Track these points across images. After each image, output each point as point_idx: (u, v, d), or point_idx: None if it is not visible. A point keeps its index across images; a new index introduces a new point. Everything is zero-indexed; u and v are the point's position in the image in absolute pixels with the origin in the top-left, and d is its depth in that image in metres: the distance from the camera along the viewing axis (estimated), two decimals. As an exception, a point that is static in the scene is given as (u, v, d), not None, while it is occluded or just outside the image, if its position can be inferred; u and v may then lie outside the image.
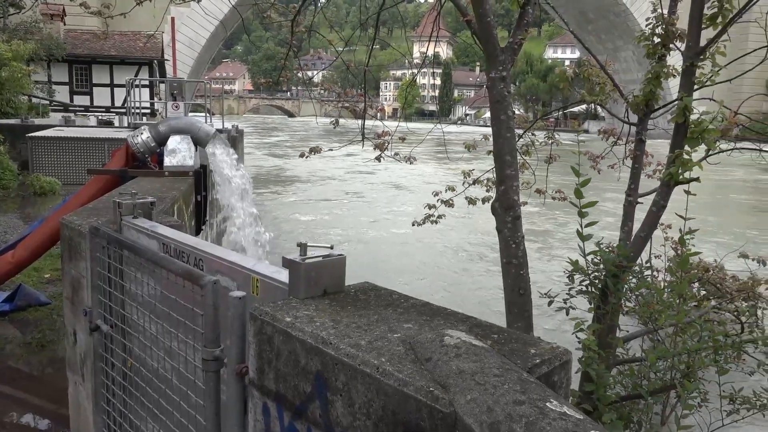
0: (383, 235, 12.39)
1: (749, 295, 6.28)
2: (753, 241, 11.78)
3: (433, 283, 8.85)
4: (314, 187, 20.57)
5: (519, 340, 1.74)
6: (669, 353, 3.57)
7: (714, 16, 3.33)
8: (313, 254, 2.04)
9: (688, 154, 3.44)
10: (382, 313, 1.88)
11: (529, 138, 5.45)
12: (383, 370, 1.49)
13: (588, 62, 4.91)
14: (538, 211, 13.28)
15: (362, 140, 5.47)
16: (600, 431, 1.15)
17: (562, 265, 4.11)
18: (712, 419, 3.87)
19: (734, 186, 21.48)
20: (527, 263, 3.78)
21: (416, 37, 21.28)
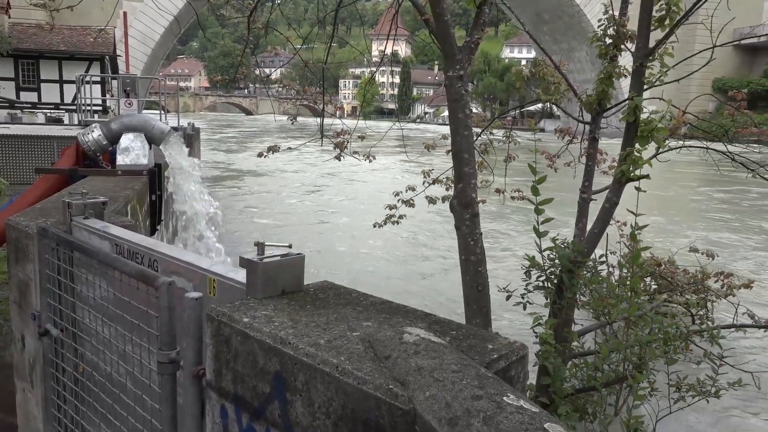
0: (343, 233, 12.36)
1: (699, 288, 6.51)
2: (705, 238, 12.22)
3: (393, 281, 8.88)
4: (273, 186, 20.37)
5: (477, 336, 1.77)
6: (621, 346, 3.67)
7: (662, 18, 3.45)
8: (271, 253, 2.02)
9: (639, 152, 3.55)
10: (341, 311, 1.87)
11: (487, 137, 5.52)
12: (342, 368, 1.49)
13: (543, 62, 5.00)
14: (497, 208, 13.48)
15: (321, 138, 5.45)
16: (554, 424, 1.17)
17: (520, 262, 4.18)
18: (660, 407, 4.01)
19: (689, 183, 22.24)
20: (485, 260, 3.83)
21: (375, 36, 21.36)
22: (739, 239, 12.95)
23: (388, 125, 6.44)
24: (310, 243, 11.15)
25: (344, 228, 12.88)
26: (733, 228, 14.36)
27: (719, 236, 13.07)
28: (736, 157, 4.07)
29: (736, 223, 15.13)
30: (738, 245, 12.28)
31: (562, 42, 65.03)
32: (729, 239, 12.85)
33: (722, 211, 16.92)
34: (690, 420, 4.64)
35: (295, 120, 5.41)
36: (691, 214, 16.59)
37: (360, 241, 11.35)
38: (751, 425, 4.77)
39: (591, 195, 4.02)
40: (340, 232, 12.45)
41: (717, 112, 41.36)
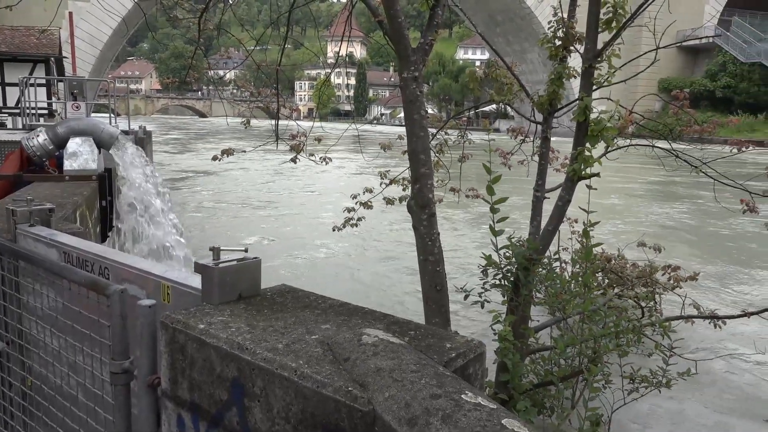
0: (301, 236, 12.28)
1: (647, 281, 6.72)
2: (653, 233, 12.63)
3: (352, 282, 8.88)
4: (228, 189, 20.08)
5: (435, 335, 1.78)
6: (576, 340, 3.76)
7: (609, 21, 3.55)
8: (227, 258, 1.99)
9: (589, 151, 3.64)
10: (299, 315, 1.86)
11: (442, 137, 5.58)
12: (301, 372, 1.48)
13: (496, 63, 5.08)
14: (454, 208, 13.62)
15: (276, 141, 5.40)
16: (511, 419, 1.19)
17: (478, 261, 4.24)
18: (615, 399, 4.13)
19: (638, 180, 22.95)
20: (443, 259, 3.87)
21: (330, 37, 21.25)
22: (684, 234, 13.44)
23: (344, 127, 6.43)
24: (267, 246, 11.04)
25: (302, 230, 12.80)
26: (678, 223, 14.89)
27: (666, 231, 13.54)
28: (680, 154, 4.22)
29: (681, 218, 15.69)
30: (683, 240, 12.73)
31: (515, 44, 66.24)
32: (675, 234, 13.32)
33: (669, 207, 17.52)
34: (644, 409, 4.78)
35: (249, 124, 5.34)
36: (639, 209, 17.13)
37: (318, 244, 11.30)
38: (700, 412, 4.96)
39: (544, 193, 4.10)
40: (298, 235, 12.37)
41: (662, 111, 42.85)
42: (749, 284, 9.15)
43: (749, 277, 9.61)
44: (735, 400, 5.24)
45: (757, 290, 8.75)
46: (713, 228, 14.10)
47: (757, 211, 4.23)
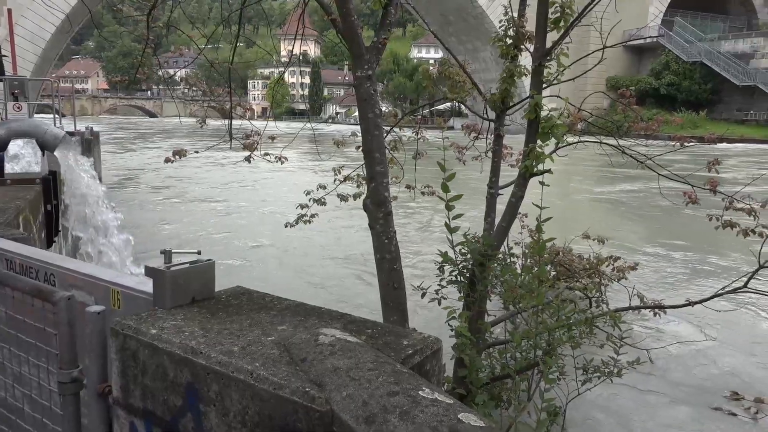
0: (256, 236, 12.13)
1: (594, 273, 6.91)
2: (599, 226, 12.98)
3: (310, 283, 8.82)
4: (180, 190, 19.67)
5: (392, 333, 1.79)
6: (531, 333, 3.84)
7: (557, 20, 3.63)
8: (179, 261, 1.95)
9: (541, 148, 3.72)
10: (255, 317, 1.84)
11: (396, 134, 5.60)
12: (257, 375, 1.46)
13: (449, 62, 5.13)
14: (410, 205, 13.71)
15: (230, 140, 5.31)
16: (468, 413, 1.21)
17: (435, 257, 4.27)
18: (570, 389, 4.24)
19: (586, 175, 23.55)
20: (400, 257, 3.89)
21: (283, 35, 21.08)
22: (630, 226, 13.88)
23: (300, 126, 6.38)
24: (221, 248, 10.87)
25: (258, 231, 12.65)
26: (625, 216, 15.37)
27: (611, 223, 13.95)
28: (627, 150, 4.36)
29: (628, 211, 16.20)
30: (629, 232, 13.14)
31: (468, 42, 67.07)
32: (621, 226, 13.74)
33: (614, 201, 18.06)
34: (598, 398, 4.92)
35: (204, 123, 5.24)
36: (586, 203, 17.60)
37: (275, 244, 11.19)
38: (651, 399, 5.13)
39: (498, 190, 4.17)
40: (254, 236, 12.22)
41: (611, 108, 44.12)
42: (692, 275, 9.51)
43: (692, 268, 9.99)
44: (684, 386, 5.44)
45: (700, 280, 9.11)
46: (658, 221, 14.60)
47: (698, 202, 4.44)
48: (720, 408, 5.07)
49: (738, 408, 5.01)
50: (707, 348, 6.09)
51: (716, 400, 5.19)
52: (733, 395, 5.13)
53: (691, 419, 4.88)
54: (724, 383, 5.48)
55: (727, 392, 5.25)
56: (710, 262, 10.34)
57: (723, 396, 5.21)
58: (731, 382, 5.49)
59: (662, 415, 4.90)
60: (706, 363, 5.91)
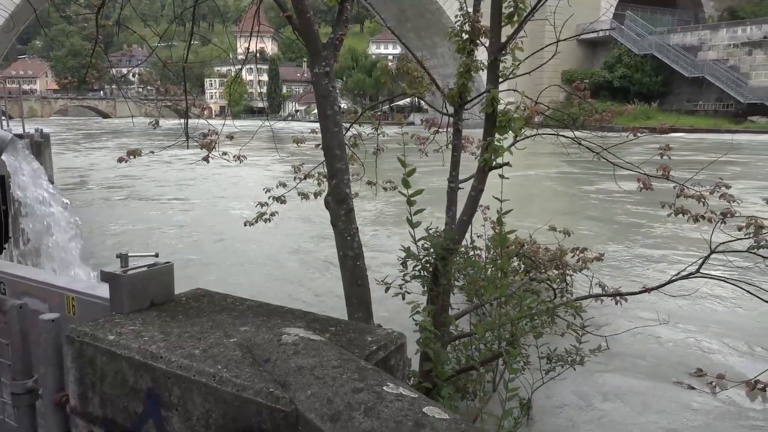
0: (217, 237, 11.95)
1: (558, 264, 7.04)
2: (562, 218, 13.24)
3: (272, 282, 8.74)
4: (136, 192, 19.21)
5: (357, 329, 1.79)
6: (495, 325, 3.89)
7: (511, 15, 3.68)
8: (136, 264, 1.91)
9: (499, 142, 3.77)
10: (216, 318, 1.82)
11: (356, 130, 5.59)
12: (220, 377, 1.44)
13: (408, 58, 5.14)
14: (371, 201, 13.72)
15: (187, 140, 5.21)
16: (432, 406, 1.22)
17: (398, 253, 4.28)
18: (534, 379, 4.32)
19: (545, 168, 23.97)
20: (363, 254, 3.88)
21: (238, 33, 20.71)
22: (589, 217, 14.20)
23: (258, 124, 6.31)
24: (180, 250, 10.68)
25: (218, 232, 12.47)
26: (584, 207, 15.72)
27: (574, 215, 14.25)
28: (582, 142, 4.45)
29: (587, 202, 16.57)
30: (589, 223, 13.44)
31: (426, 38, 67.36)
32: (582, 217, 14.05)
33: (575, 192, 18.45)
34: (561, 387, 5.02)
35: (158, 125, 5.12)
36: (548, 195, 17.93)
37: (236, 245, 11.04)
38: (614, 383, 5.26)
39: (458, 184, 4.20)
40: (214, 237, 12.03)
41: (566, 101, 44.98)
42: (648, 262, 9.79)
43: (647, 255, 10.29)
44: (645, 367, 5.61)
45: (656, 267, 9.38)
46: (613, 211, 14.97)
47: (652, 188, 4.61)
48: (681, 383, 5.26)
49: (700, 383, 5.21)
50: (666, 332, 6.28)
51: (677, 378, 5.37)
52: (698, 372, 5.33)
53: (653, 396, 5.03)
54: (683, 363, 5.67)
55: (692, 369, 5.44)
56: (668, 249, 10.66)
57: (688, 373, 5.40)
58: (690, 362, 5.68)
59: (625, 395, 5.04)
60: (666, 345, 6.10)
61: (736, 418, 4.70)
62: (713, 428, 4.57)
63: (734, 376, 5.20)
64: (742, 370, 5.38)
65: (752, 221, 4.98)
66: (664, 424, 4.63)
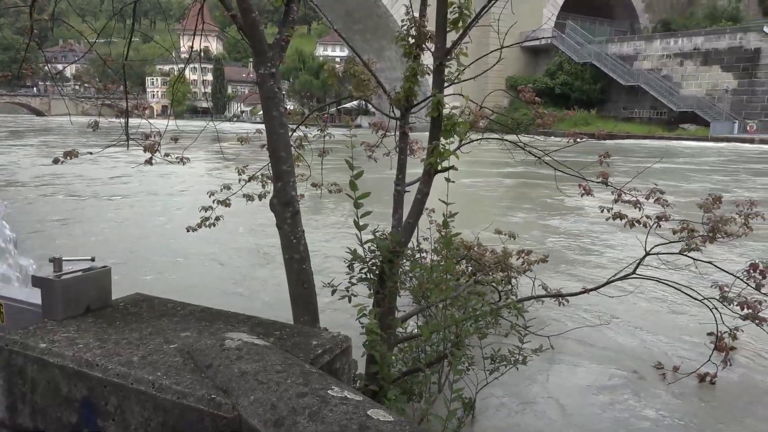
0: (157, 240, 11.62)
1: (503, 266, 7.18)
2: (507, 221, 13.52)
3: (216, 286, 8.56)
4: (72, 195, 18.48)
5: (301, 333, 1.78)
6: (440, 326, 3.93)
7: (456, 21, 3.74)
8: (71, 269, 1.84)
9: (444, 146, 3.81)
10: (156, 324, 1.76)
11: (302, 132, 5.55)
12: (159, 384, 1.40)
13: (355, 60, 5.15)
14: (317, 204, 13.64)
15: (127, 141, 5.05)
16: (377, 408, 1.22)
17: (343, 255, 4.27)
18: (478, 379, 4.39)
19: (492, 171, 24.43)
20: (309, 257, 3.86)
21: (182, 31, 20.26)
22: (532, 220, 14.56)
23: (203, 125, 6.18)
24: (119, 253, 10.32)
25: (159, 234, 12.13)
26: (527, 211, 16.11)
27: (519, 219, 14.58)
28: (526, 146, 4.57)
29: (530, 206, 16.99)
30: (532, 226, 13.79)
31: (373, 41, 67.63)
32: (526, 220, 14.40)
33: (520, 196, 18.88)
34: (506, 387, 5.12)
35: (97, 127, 4.93)
36: (495, 199, 18.29)
37: (177, 247, 10.77)
38: (554, 382, 5.40)
39: (405, 187, 4.23)
40: (154, 239, 11.70)
41: (511, 106, 46.07)
42: (589, 264, 10.12)
43: (588, 257, 10.63)
44: (587, 365, 5.78)
45: (595, 269, 9.71)
46: (555, 214, 15.41)
47: (592, 194, 4.79)
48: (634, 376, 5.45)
49: (648, 377, 5.41)
50: (607, 330, 6.50)
51: (619, 374, 5.56)
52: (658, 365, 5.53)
53: (595, 393, 5.19)
54: (624, 360, 5.88)
55: (632, 366, 5.64)
56: (609, 251, 11.04)
57: (637, 370, 5.59)
58: (631, 358, 5.89)
59: (567, 395, 5.17)
60: (607, 344, 6.31)
61: (678, 412, 4.90)
62: (657, 422, 4.75)
63: (680, 370, 5.43)
64: (684, 364, 5.62)
65: (685, 225, 5.23)
66: (606, 420, 4.79)
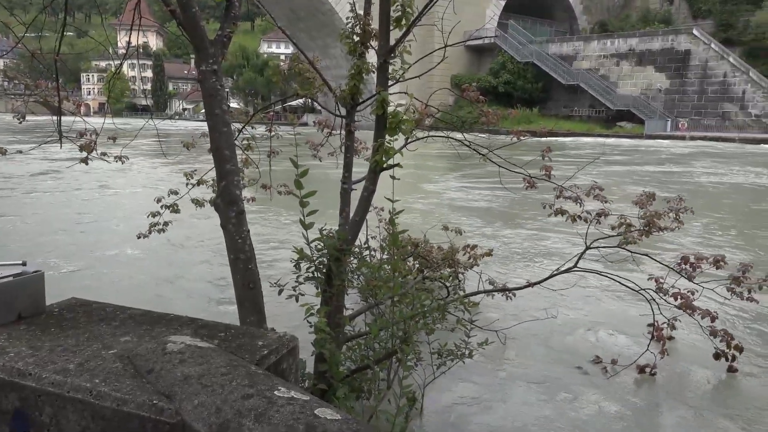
0: (94, 243, 11.20)
1: (450, 262, 7.27)
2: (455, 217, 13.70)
3: (159, 289, 8.33)
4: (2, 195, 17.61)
5: (247, 334, 1.75)
6: (389, 323, 3.95)
7: (399, 19, 3.76)
8: (1, 274, 1.75)
9: (389, 143, 3.83)
10: (93, 329, 1.70)
11: (248, 132, 5.48)
12: (98, 392, 1.35)
13: (299, 58, 5.10)
14: (267, 203, 13.46)
15: (60, 140, 4.85)
16: (324, 407, 1.21)
17: (290, 254, 4.23)
18: (426, 374, 4.44)
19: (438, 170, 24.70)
20: (255, 257, 3.80)
21: (118, 25, 19.46)
22: (478, 215, 14.82)
23: (143, 122, 6.01)
24: (53, 258, 9.90)
25: (95, 238, 11.70)
26: (474, 207, 16.39)
27: (464, 214, 14.81)
28: (471, 144, 4.65)
29: (477, 203, 17.28)
30: (479, 221, 14.03)
31: (318, 39, 67.23)
32: (472, 216, 14.64)
33: (466, 193, 19.18)
34: (454, 382, 5.19)
35: (24, 119, 4.71)
36: (442, 196, 18.50)
37: (116, 250, 10.42)
38: (500, 376, 5.51)
39: (351, 185, 4.23)
40: (92, 243, 11.27)
41: (456, 104, 46.72)
42: (535, 258, 10.37)
43: (534, 252, 10.90)
44: (533, 357, 5.92)
45: (541, 263, 9.96)
46: (502, 209, 15.73)
47: (536, 187, 4.93)
48: (578, 369, 5.61)
49: (594, 368, 5.57)
50: (552, 323, 6.67)
51: (564, 366, 5.72)
52: (596, 359, 5.69)
53: (541, 385, 5.33)
54: (568, 352, 6.05)
55: (583, 358, 5.80)
56: (554, 245, 11.34)
57: (581, 362, 5.75)
58: (575, 351, 6.07)
59: (515, 387, 5.29)
60: (552, 336, 6.47)
61: (622, 401, 5.07)
62: (601, 411, 4.90)
63: (620, 361, 5.62)
64: (627, 354, 5.82)
65: (623, 220, 5.44)
66: (554, 408, 4.92)
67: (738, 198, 19.00)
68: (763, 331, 6.72)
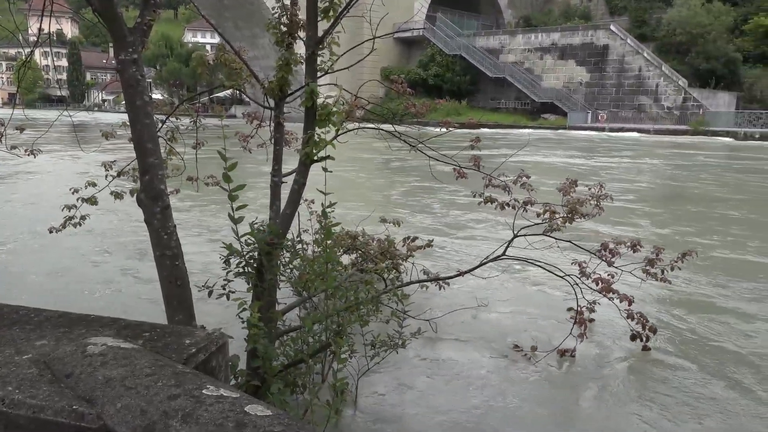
0: (6, 242, 10.57)
1: (389, 254, 7.30)
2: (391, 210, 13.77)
3: (79, 289, 7.94)
4: None
5: (174, 333, 1.70)
6: (322, 317, 3.94)
7: (326, 10, 3.73)
8: None
9: (319, 136, 3.81)
10: (5, 333, 1.60)
11: (173, 123, 5.30)
12: (11, 400, 1.27)
13: (225, 48, 4.97)
14: (194, 199, 13.07)
15: (-35, 132, 4.52)
16: (254, 404, 1.19)
17: (219, 251, 4.14)
18: (360, 366, 4.46)
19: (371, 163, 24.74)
20: (182, 253, 3.69)
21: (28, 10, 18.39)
22: (411, 207, 14.98)
23: (58, 114, 5.69)
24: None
25: (9, 236, 11.03)
26: (407, 199, 16.55)
27: (399, 206, 14.93)
28: (401, 135, 4.68)
29: (410, 195, 17.46)
30: (413, 213, 14.19)
31: (245, 29, 65.82)
32: (406, 208, 14.77)
33: (400, 185, 19.33)
34: (388, 372, 5.24)
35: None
36: (377, 189, 18.57)
37: (32, 249, 9.86)
38: (434, 365, 5.61)
39: (281, 178, 4.17)
40: (3, 242, 10.62)
41: (386, 96, 46.95)
42: (468, 247, 10.59)
43: (466, 240, 11.13)
44: (466, 345, 6.05)
45: (473, 252, 10.18)
46: (431, 201, 15.97)
47: (466, 177, 5.02)
48: (505, 356, 5.77)
49: (517, 356, 5.75)
50: (483, 311, 6.83)
51: (495, 353, 5.88)
52: (515, 347, 5.86)
53: (473, 371, 5.46)
54: (500, 338, 6.22)
55: (510, 344, 5.97)
56: (487, 234, 11.60)
57: (508, 348, 5.92)
58: (506, 336, 6.25)
59: (448, 375, 5.39)
60: (484, 324, 6.64)
61: (545, 384, 5.27)
62: (530, 393, 5.08)
63: (546, 345, 5.83)
64: (554, 337, 6.05)
65: (548, 207, 5.63)
66: (484, 396, 5.05)
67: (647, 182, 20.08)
68: (674, 312, 7.16)
